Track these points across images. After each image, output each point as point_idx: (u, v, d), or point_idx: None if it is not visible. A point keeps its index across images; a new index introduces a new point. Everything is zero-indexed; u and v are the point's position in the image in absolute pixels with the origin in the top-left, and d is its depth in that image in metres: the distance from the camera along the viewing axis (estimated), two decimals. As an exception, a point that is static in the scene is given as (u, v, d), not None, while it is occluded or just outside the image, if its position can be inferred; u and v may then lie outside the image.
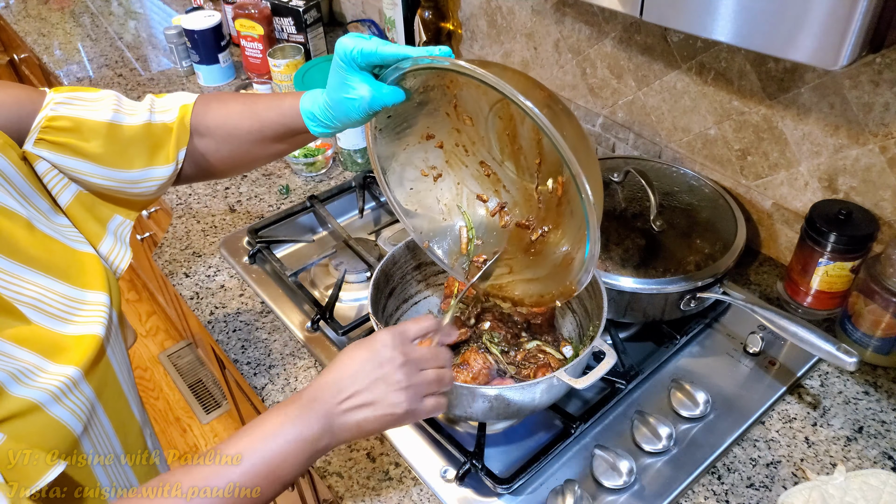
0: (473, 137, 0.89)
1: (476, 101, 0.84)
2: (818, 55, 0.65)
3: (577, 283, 0.81)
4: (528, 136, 0.84)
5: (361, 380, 0.67)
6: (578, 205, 0.75)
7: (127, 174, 0.81)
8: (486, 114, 0.85)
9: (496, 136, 0.87)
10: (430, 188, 0.93)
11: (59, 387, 0.66)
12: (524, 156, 0.87)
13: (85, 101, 0.78)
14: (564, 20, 1.32)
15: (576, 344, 0.97)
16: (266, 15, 1.77)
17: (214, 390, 2.37)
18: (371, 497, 0.87)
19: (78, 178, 0.79)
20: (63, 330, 0.70)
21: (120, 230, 0.85)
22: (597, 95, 1.34)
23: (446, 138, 0.90)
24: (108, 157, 0.79)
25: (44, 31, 2.20)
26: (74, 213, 0.80)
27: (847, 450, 0.90)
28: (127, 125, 0.80)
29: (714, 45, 1.09)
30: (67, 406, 0.67)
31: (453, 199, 0.93)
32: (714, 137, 1.17)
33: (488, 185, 0.92)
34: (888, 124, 0.94)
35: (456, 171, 0.92)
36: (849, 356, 0.87)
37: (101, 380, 0.74)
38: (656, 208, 1.04)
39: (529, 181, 0.89)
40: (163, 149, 0.83)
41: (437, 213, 0.94)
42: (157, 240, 1.55)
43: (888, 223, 1.00)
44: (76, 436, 0.69)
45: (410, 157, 0.90)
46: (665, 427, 0.90)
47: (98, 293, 0.75)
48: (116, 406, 0.78)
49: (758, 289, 1.14)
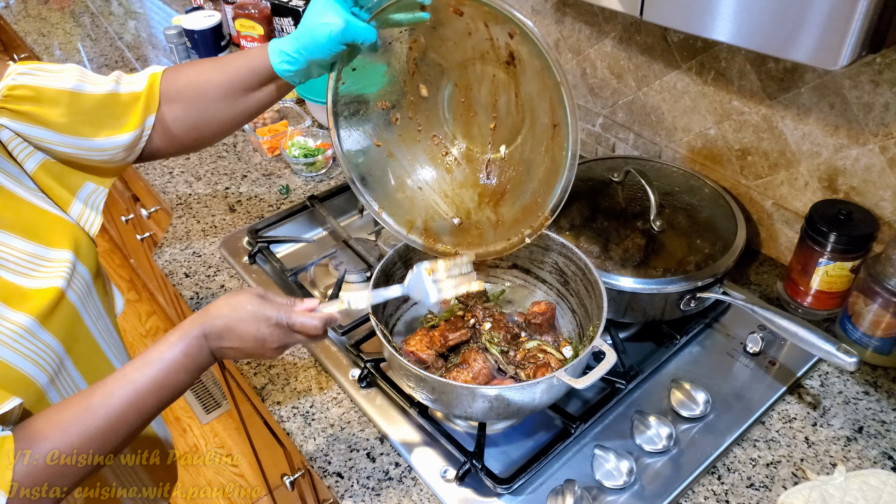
0: (426, 111, 0.94)
1: (436, 66, 0.90)
2: (818, 55, 0.65)
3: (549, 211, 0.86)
4: (485, 100, 0.90)
5: (243, 344, 0.76)
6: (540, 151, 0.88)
7: (90, 142, 0.82)
8: (443, 83, 0.92)
9: (450, 107, 0.93)
10: (384, 160, 0.95)
11: (10, 335, 0.69)
12: (478, 125, 0.93)
13: (48, 71, 0.79)
14: (564, 20, 1.32)
15: (576, 344, 0.97)
16: (266, 15, 1.77)
17: (214, 390, 2.37)
18: (371, 497, 0.87)
19: (42, 147, 0.80)
20: (23, 283, 0.73)
21: (93, 198, 0.87)
22: (597, 95, 1.34)
23: (402, 112, 0.94)
24: (70, 125, 0.80)
25: (44, 31, 2.20)
26: (41, 180, 0.81)
27: (847, 450, 0.90)
28: (89, 93, 0.81)
29: (714, 45, 1.09)
30: (25, 354, 0.70)
31: (405, 173, 0.97)
32: (714, 137, 1.17)
33: (440, 161, 0.96)
34: (888, 124, 0.94)
35: (409, 146, 0.95)
36: (849, 356, 0.87)
37: (69, 333, 0.76)
38: (656, 208, 1.04)
39: (481, 152, 0.95)
40: (128, 115, 0.84)
41: (389, 186, 0.96)
42: (157, 240, 1.55)
43: (888, 223, 1.00)
44: (40, 386, 0.72)
45: (365, 123, 0.93)
46: (665, 427, 0.90)
47: (63, 251, 0.78)
48: (91, 360, 0.81)
49: (758, 289, 1.14)
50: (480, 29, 0.86)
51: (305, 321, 0.77)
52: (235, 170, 1.48)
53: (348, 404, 0.99)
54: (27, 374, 0.70)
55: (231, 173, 1.47)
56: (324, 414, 0.97)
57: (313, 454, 0.92)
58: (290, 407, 0.99)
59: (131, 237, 2.14)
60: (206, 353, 0.75)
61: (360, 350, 1.02)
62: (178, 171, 1.49)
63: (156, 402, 0.72)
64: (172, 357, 0.72)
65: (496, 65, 0.88)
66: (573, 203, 1.10)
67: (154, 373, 0.71)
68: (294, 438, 0.95)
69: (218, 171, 1.48)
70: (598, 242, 1.04)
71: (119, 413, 0.69)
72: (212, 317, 0.74)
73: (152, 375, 0.71)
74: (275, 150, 1.50)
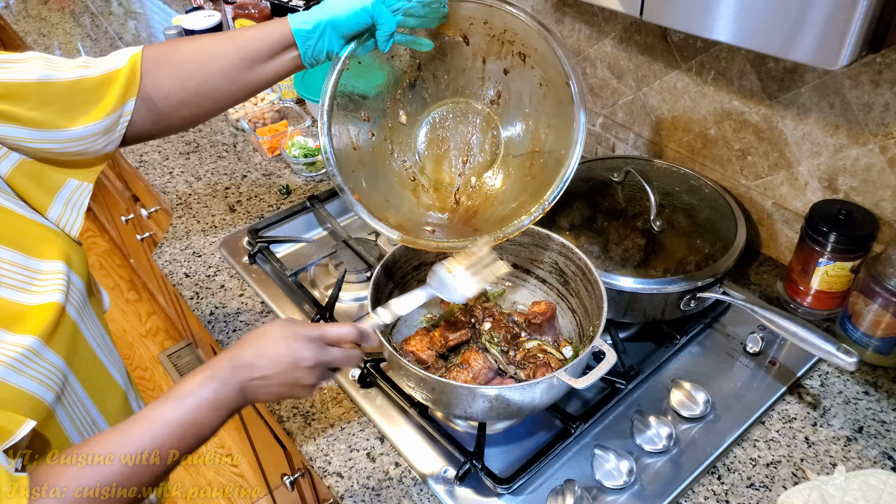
0: (401, 138, 0.98)
1: (422, 99, 0.97)
2: (818, 55, 0.65)
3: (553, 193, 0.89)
4: (460, 137, 0.98)
5: (276, 369, 0.72)
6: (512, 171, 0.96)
7: (66, 133, 0.76)
8: (424, 116, 0.98)
9: (426, 139, 0.98)
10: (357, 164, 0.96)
11: (16, 357, 0.66)
12: (449, 159, 0.99)
13: (11, 62, 0.73)
14: (564, 20, 1.32)
15: (576, 344, 0.97)
16: (266, 15, 1.77)
17: (214, 390, 2.36)
18: (371, 497, 0.87)
19: (16, 146, 0.74)
20: (22, 300, 0.69)
21: (75, 197, 0.81)
22: (597, 95, 1.34)
23: (378, 130, 0.97)
24: (42, 119, 0.74)
25: (44, 31, 2.20)
26: (17, 183, 0.76)
27: (847, 450, 0.90)
28: (58, 80, 0.75)
29: (714, 45, 1.09)
30: (32, 376, 0.67)
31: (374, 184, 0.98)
32: (714, 137, 1.17)
33: (407, 185, 0.99)
34: (888, 124, 0.94)
35: (378, 165, 0.97)
36: (849, 356, 0.87)
37: (70, 348, 0.73)
38: (656, 208, 1.04)
39: (450, 183, 1.00)
40: (101, 98, 0.79)
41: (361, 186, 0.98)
42: (157, 240, 1.55)
43: (888, 223, 1.00)
44: (48, 405, 0.69)
45: (350, 122, 0.95)
46: (665, 427, 0.90)
47: (54, 262, 0.74)
48: (91, 373, 0.78)
49: (758, 289, 1.14)
50: (477, 67, 0.95)
51: (339, 330, 0.75)
52: (235, 170, 1.48)
53: (348, 404, 0.99)
54: (35, 394, 0.68)
55: (231, 173, 1.47)
56: (324, 414, 0.97)
57: (313, 454, 0.92)
58: (290, 407, 0.99)
59: (131, 237, 2.14)
60: (233, 389, 0.71)
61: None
62: (178, 171, 1.49)
63: (178, 444, 0.68)
64: (197, 396, 0.68)
65: (480, 104, 0.97)
66: (573, 203, 1.10)
67: (177, 413, 0.67)
68: (294, 438, 0.95)
69: (218, 171, 1.48)
70: (598, 242, 1.04)
71: (138, 458, 0.65)
72: (240, 346, 0.72)
73: (175, 416, 0.67)
74: (275, 150, 1.50)
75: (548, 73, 0.91)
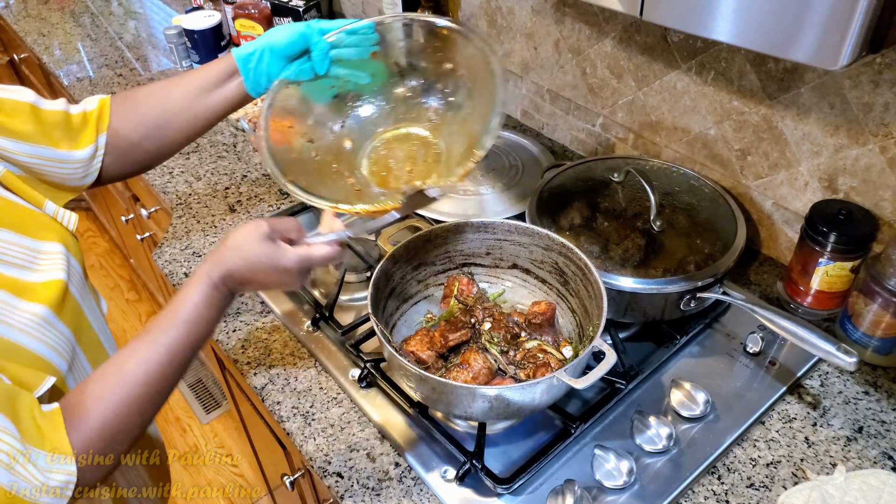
0: (346, 159, 0.98)
1: (369, 129, 1.00)
2: (818, 55, 0.65)
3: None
4: (404, 154, 0.99)
5: (263, 277, 0.77)
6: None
7: (55, 152, 0.85)
8: (368, 143, 1.00)
9: (369, 160, 0.99)
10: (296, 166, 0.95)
11: (30, 324, 0.70)
12: (394, 173, 0.99)
13: (3, 88, 0.82)
14: (564, 20, 1.32)
15: (576, 344, 0.97)
16: (266, 15, 1.77)
17: (214, 390, 2.37)
18: (371, 497, 0.87)
19: (8, 157, 0.81)
20: (28, 277, 0.73)
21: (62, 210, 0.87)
22: (597, 95, 1.34)
23: (320, 152, 0.97)
24: (35, 134, 0.82)
25: (44, 31, 2.20)
26: (10, 184, 0.82)
27: (847, 450, 0.90)
28: (47, 109, 0.85)
29: (714, 45, 1.09)
30: (46, 342, 0.71)
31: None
32: (714, 137, 1.17)
33: (351, 193, 0.97)
34: (888, 124, 0.94)
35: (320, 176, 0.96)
36: (849, 356, 0.87)
37: (76, 323, 0.77)
38: (656, 208, 1.04)
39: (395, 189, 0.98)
40: (83, 132, 0.88)
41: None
42: (157, 240, 1.55)
43: (888, 223, 1.00)
44: (62, 374, 0.72)
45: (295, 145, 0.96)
46: (665, 427, 0.90)
47: (53, 244, 0.79)
48: (96, 355, 0.82)
49: (758, 289, 1.14)
50: (416, 90, 0.99)
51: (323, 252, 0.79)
52: (235, 170, 1.48)
53: (348, 404, 0.99)
54: (51, 361, 0.71)
55: (231, 173, 1.47)
56: (324, 414, 0.97)
57: (313, 454, 0.92)
58: (290, 407, 0.99)
59: (131, 237, 2.14)
60: (228, 295, 0.76)
61: (359, 350, 1.02)
62: (178, 171, 1.49)
63: (189, 357, 0.74)
64: (198, 313, 0.73)
65: (421, 126, 1.00)
66: (573, 203, 1.11)
67: (184, 331, 0.73)
68: (294, 438, 0.95)
69: (218, 171, 1.48)
70: (598, 242, 1.04)
71: (157, 376, 0.71)
72: (224, 263, 0.75)
73: (183, 333, 0.72)
74: (275, 150, 1.50)
75: (473, 70, 0.93)
